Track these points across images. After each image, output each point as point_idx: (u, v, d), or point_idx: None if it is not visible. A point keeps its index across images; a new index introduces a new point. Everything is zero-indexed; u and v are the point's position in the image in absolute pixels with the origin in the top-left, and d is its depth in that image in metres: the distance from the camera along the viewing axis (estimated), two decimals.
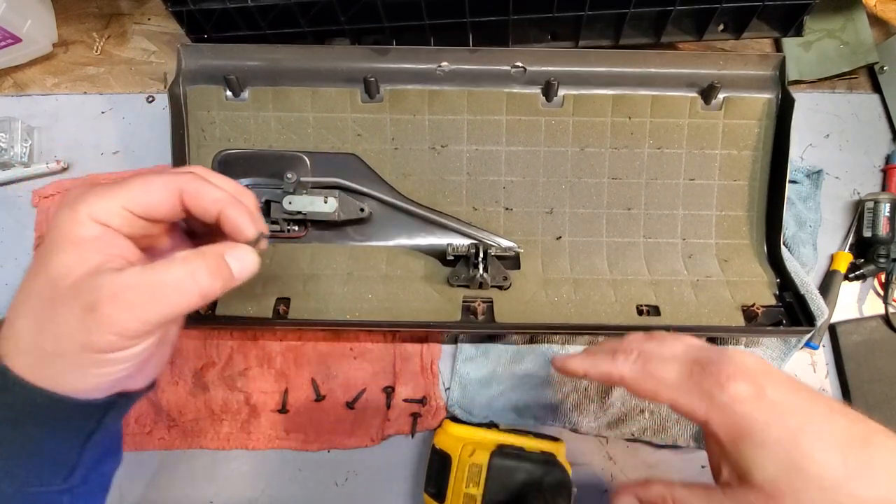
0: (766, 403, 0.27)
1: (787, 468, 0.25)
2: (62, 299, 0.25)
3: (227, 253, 0.28)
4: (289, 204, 0.45)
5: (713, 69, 0.47)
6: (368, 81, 0.45)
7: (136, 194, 0.27)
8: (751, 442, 0.26)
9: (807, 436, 0.26)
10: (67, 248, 0.26)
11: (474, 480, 0.41)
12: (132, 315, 0.25)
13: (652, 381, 0.30)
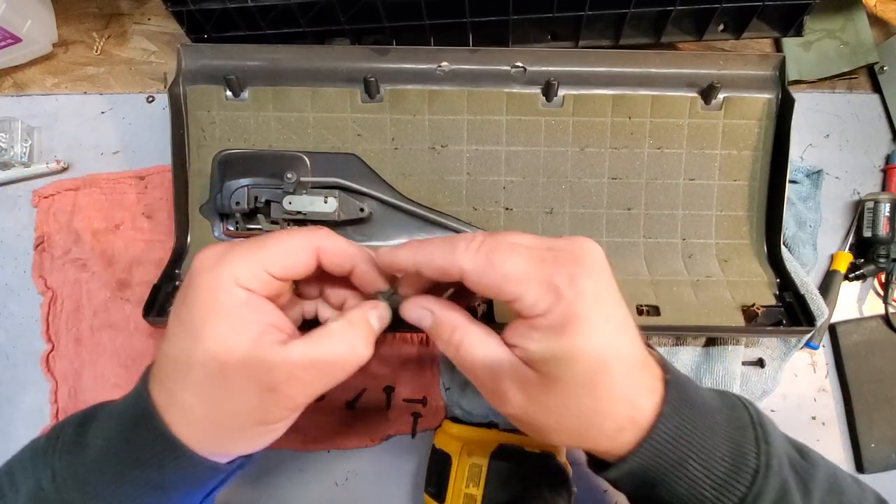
0: (601, 306, 0.26)
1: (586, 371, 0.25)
2: (235, 378, 0.25)
3: (370, 314, 0.29)
4: (289, 204, 0.45)
5: (713, 69, 0.47)
6: (368, 81, 0.45)
7: (278, 256, 0.27)
8: (574, 331, 0.25)
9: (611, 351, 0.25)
10: (220, 319, 0.25)
11: (474, 480, 0.41)
12: (305, 392, 0.27)
13: (496, 272, 0.26)
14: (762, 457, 0.26)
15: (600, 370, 0.25)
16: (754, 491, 0.26)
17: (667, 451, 0.26)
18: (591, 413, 0.26)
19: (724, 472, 0.26)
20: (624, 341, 0.26)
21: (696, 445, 0.26)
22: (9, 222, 0.52)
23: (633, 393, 0.26)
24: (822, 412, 0.50)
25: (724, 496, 0.26)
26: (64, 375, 0.48)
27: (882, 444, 0.49)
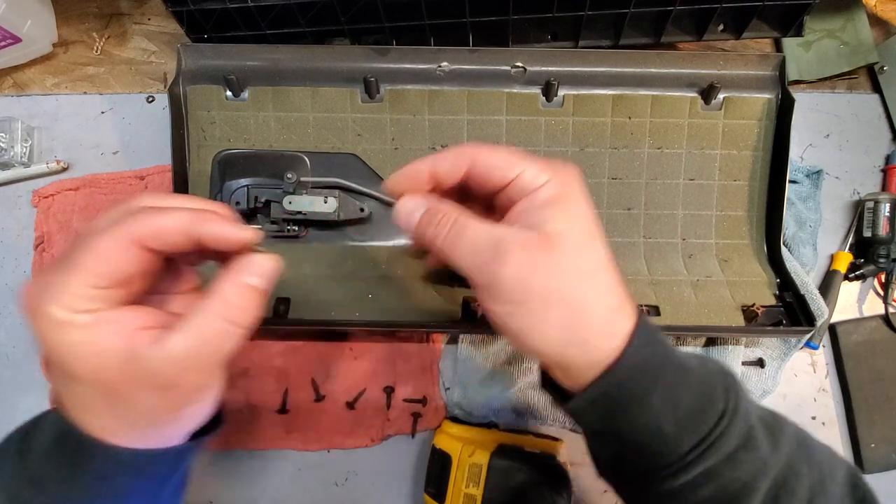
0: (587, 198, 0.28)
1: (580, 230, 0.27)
2: (125, 393, 0.25)
3: (245, 277, 0.27)
4: (289, 204, 0.45)
5: (713, 69, 0.47)
6: (368, 81, 0.45)
7: (95, 268, 0.24)
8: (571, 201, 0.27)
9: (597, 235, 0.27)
10: (79, 352, 0.24)
11: (474, 480, 0.41)
12: (201, 375, 0.26)
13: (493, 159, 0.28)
14: (731, 402, 0.27)
15: (591, 239, 0.27)
16: (717, 431, 0.26)
17: (633, 381, 0.26)
18: (591, 276, 0.27)
19: (689, 410, 0.26)
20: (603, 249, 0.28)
21: (664, 380, 0.26)
22: (9, 222, 0.52)
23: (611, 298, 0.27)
24: (822, 412, 0.50)
25: (685, 433, 0.26)
26: None
27: (882, 444, 0.49)
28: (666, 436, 0.26)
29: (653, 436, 0.26)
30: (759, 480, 0.26)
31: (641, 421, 0.26)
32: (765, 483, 0.26)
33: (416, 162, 0.29)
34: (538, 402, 0.47)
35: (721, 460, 0.26)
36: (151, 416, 0.26)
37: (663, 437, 0.26)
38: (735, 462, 0.26)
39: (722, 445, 0.26)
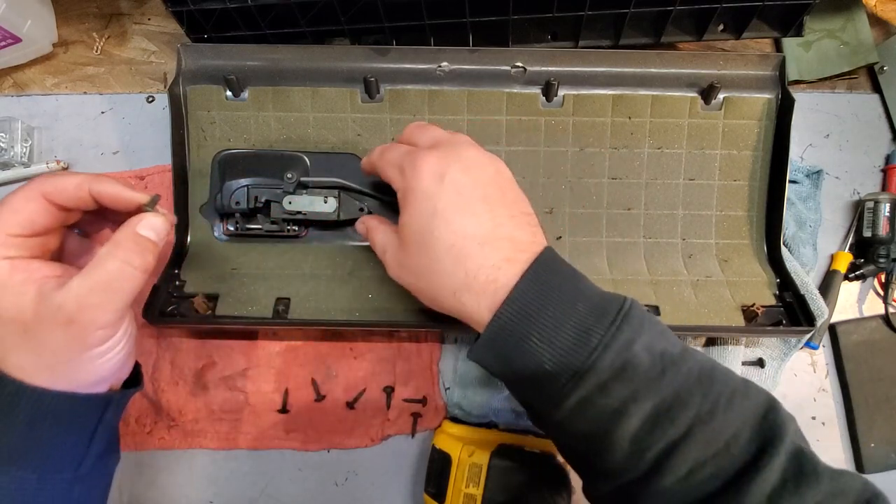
0: (438, 184, 0.32)
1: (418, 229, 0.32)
2: (36, 330, 0.28)
3: (138, 227, 0.31)
4: (289, 204, 0.45)
5: (713, 69, 0.47)
6: (368, 81, 0.45)
7: (11, 217, 0.29)
8: (410, 200, 0.33)
9: (438, 219, 0.31)
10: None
11: (474, 480, 0.41)
12: (104, 310, 0.29)
13: (382, 161, 0.36)
14: (605, 339, 0.28)
15: (427, 232, 0.32)
16: (588, 363, 0.28)
17: (512, 327, 0.29)
18: (429, 272, 0.32)
19: (564, 346, 0.29)
20: (458, 217, 0.31)
21: (541, 321, 0.29)
22: None
23: (465, 259, 0.31)
24: (822, 412, 0.50)
25: (562, 367, 0.29)
26: None
27: (882, 444, 0.49)
28: (547, 372, 0.29)
29: (537, 374, 0.29)
30: (631, 406, 0.28)
31: (526, 361, 0.29)
32: (638, 409, 0.28)
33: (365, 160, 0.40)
34: None
35: (593, 390, 0.28)
36: (61, 352, 0.28)
37: (545, 374, 0.29)
38: (607, 390, 0.28)
39: (592, 376, 0.28)
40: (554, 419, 0.30)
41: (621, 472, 0.29)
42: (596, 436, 0.29)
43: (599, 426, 0.29)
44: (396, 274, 0.35)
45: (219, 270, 0.45)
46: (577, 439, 0.31)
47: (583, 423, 0.29)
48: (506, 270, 0.30)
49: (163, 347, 0.48)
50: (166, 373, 0.47)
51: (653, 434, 0.28)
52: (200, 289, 0.44)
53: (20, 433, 0.28)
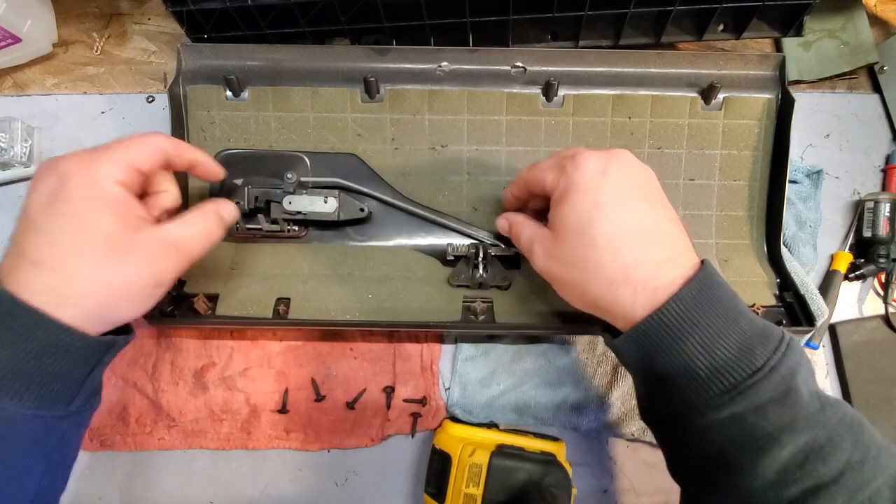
0: (599, 177, 0.33)
1: (577, 220, 0.33)
2: (125, 250, 0.31)
3: (218, 206, 0.37)
4: (289, 204, 0.45)
5: (713, 69, 0.47)
6: (368, 81, 0.45)
7: (137, 153, 0.33)
8: (570, 193, 0.33)
9: (599, 210, 0.32)
10: (102, 206, 0.30)
11: (474, 480, 0.41)
12: (178, 261, 0.33)
13: (534, 171, 0.37)
14: (772, 362, 0.28)
15: (587, 223, 0.32)
16: (749, 382, 0.28)
17: (670, 325, 0.30)
18: (583, 261, 0.32)
19: (724, 359, 0.29)
20: (619, 211, 0.32)
21: (703, 329, 0.29)
22: (9, 222, 0.51)
23: (624, 252, 0.31)
24: None
25: (717, 378, 0.28)
26: None
27: None
28: (698, 379, 0.29)
29: (686, 377, 0.29)
30: (786, 435, 0.27)
31: (677, 363, 0.29)
32: (793, 440, 0.27)
33: (507, 189, 0.42)
34: (538, 402, 0.47)
35: (749, 409, 0.28)
36: (135, 283, 0.31)
37: (695, 380, 0.29)
38: (764, 413, 0.28)
39: (752, 395, 0.28)
40: (690, 427, 0.30)
41: (757, 498, 0.28)
42: (737, 454, 0.28)
43: (746, 446, 0.28)
44: (544, 265, 0.35)
45: (219, 270, 0.45)
46: (709, 452, 0.30)
47: (725, 439, 0.29)
48: (667, 271, 0.31)
49: (163, 348, 0.48)
50: (166, 373, 0.47)
51: (803, 469, 0.27)
52: (200, 289, 0.44)
53: (26, 363, 0.28)
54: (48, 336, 0.29)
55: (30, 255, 0.29)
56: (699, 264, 0.32)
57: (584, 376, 0.48)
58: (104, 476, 0.47)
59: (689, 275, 0.31)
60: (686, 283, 0.30)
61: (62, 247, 0.29)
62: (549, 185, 0.35)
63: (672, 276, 0.31)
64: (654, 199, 0.34)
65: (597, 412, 0.47)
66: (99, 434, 0.46)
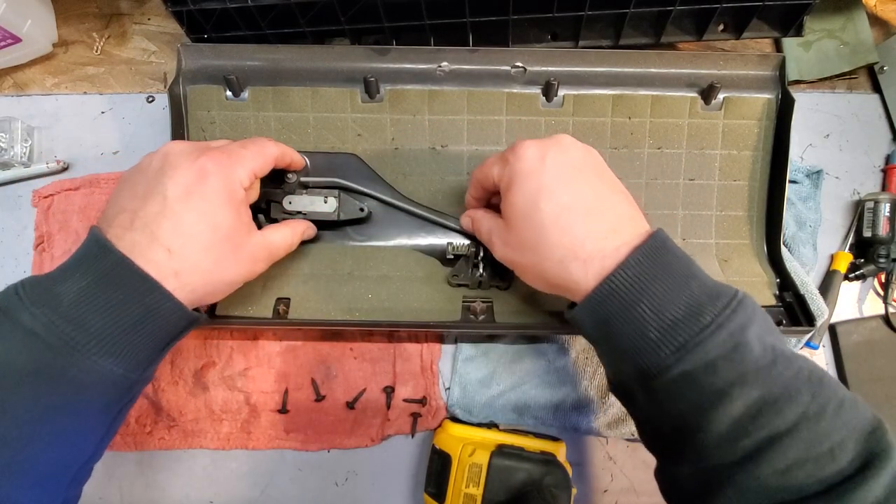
0: (540, 163, 0.34)
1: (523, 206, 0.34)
2: (239, 251, 0.36)
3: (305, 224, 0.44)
4: (289, 204, 0.44)
5: (713, 69, 0.47)
6: (368, 81, 0.45)
7: (260, 162, 0.38)
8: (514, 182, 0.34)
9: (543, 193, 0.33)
10: (231, 208, 0.35)
11: (474, 480, 0.41)
12: (271, 261, 0.39)
13: (484, 169, 0.38)
14: (720, 319, 0.29)
15: (532, 206, 0.33)
16: (697, 339, 0.28)
17: (620, 292, 0.30)
18: (534, 244, 0.34)
19: (673, 319, 0.29)
20: (561, 191, 0.33)
21: (653, 293, 0.30)
22: (9, 222, 0.52)
23: (570, 228, 0.32)
24: None
25: (667, 339, 0.29)
26: None
27: None
28: (650, 341, 0.30)
29: (639, 342, 0.30)
30: (736, 389, 0.28)
31: (628, 328, 0.30)
32: (744, 393, 0.28)
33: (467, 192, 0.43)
34: (538, 402, 0.47)
35: (699, 366, 0.28)
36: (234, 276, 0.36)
37: (647, 342, 0.30)
38: (713, 369, 0.28)
39: (700, 352, 0.28)
40: (647, 390, 0.31)
41: (712, 454, 0.28)
42: (692, 413, 0.29)
43: (698, 404, 0.29)
44: (502, 253, 0.37)
45: None
46: (668, 414, 0.30)
47: (679, 399, 0.29)
48: (613, 240, 0.32)
49: None
50: (166, 373, 0.47)
51: (756, 421, 0.27)
52: None
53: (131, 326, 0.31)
54: (157, 304, 0.31)
55: (164, 240, 0.32)
56: (649, 232, 0.32)
57: (584, 376, 0.48)
58: (104, 476, 0.47)
59: (637, 243, 0.31)
60: (633, 250, 0.31)
61: (196, 241, 0.33)
62: (497, 178, 0.37)
63: (618, 244, 0.31)
64: (596, 176, 0.35)
65: (597, 412, 0.47)
66: None
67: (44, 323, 0.29)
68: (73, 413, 0.30)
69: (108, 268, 0.31)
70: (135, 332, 0.31)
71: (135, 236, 0.32)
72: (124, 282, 0.31)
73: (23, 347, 0.29)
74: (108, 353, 0.30)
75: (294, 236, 0.42)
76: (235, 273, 0.36)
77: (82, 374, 0.30)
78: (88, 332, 0.29)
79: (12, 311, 0.29)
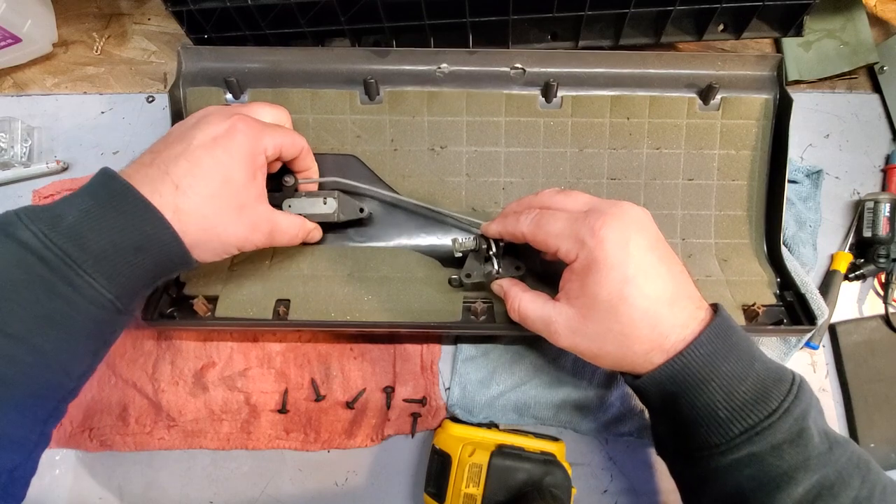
0: (623, 251, 0.32)
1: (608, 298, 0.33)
2: (243, 212, 0.36)
3: (314, 227, 0.44)
4: (289, 207, 0.44)
5: (711, 70, 0.47)
6: (368, 83, 0.45)
7: (289, 142, 0.40)
8: (595, 270, 0.33)
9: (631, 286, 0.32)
10: (249, 169, 0.36)
11: (474, 480, 0.41)
12: (270, 241, 0.39)
13: (542, 233, 0.36)
14: (785, 404, 0.30)
15: (619, 300, 0.32)
16: (767, 423, 0.30)
17: (692, 370, 0.32)
18: (621, 336, 0.33)
19: (743, 401, 0.31)
20: (648, 281, 0.32)
21: (722, 373, 0.31)
22: None
23: (659, 322, 0.32)
24: None
25: (737, 419, 0.30)
26: None
27: (882, 444, 0.49)
28: (719, 420, 0.31)
29: (707, 418, 0.31)
30: (800, 474, 0.29)
31: (698, 404, 0.31)
32: (806, 478, 0.29)
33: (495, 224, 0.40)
34: (538, 402, 0.47)
35: (766, 448, 0.30)
36: (232, 239, 0.36)
37: (717, 421, 0.31)
38: (779, 452, 0.30)
39: (769, 436, 0.30)
40: (713, 465, 0.32)
41: None
42: (755, 492, 0.30)
43: (763, 484, 0.30)
44: (571, 343, 0.35)
45: (218, 272, 0.45)
46: (728, 490, 0.31)
47: (743, 477, 0.31)
48: (693, 328, 0.33)
49: (163, 348, 0.48)
50: (166, 373, 0.47)
51: None
52: (200, 290, 0.44)
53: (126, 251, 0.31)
54: (155, 232, 0.32)
55: (175, 177, 0.33)
56: (710, 308, 0.34)
57: (584, 376, 0.48)
58: (104, 476, 0.47)
59: (706, 319, 0.33)
60: (704, 328, 0.32)
61: (205, 184, 0.34)
62: (564, 255, 0.35)
63: (692, 325, 0.33)
64: (667, 254, 0.35)
65: (597, 412, 0.47)
66: (99, 434, 0.47)
67: (41, 239, 0.29)
68: (62, 330, 0.30)
69: (112, 193, 0.32)
70: (132, 256, 0.32)
71: (149, 171, 0.33)
72: (126, 207, 0.31)
73: (18, 261, 0.29)
74: (103, 274, 0.31)
75: (300, 230, 0.42)
76: (232, 232, 0.36)
77: (75, 292, 0.30)
78: (86, 251, 0.30)
79: (10, 228, 0.30)
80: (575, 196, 0.37)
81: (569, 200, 0.37)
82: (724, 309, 0.34)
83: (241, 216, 0.36)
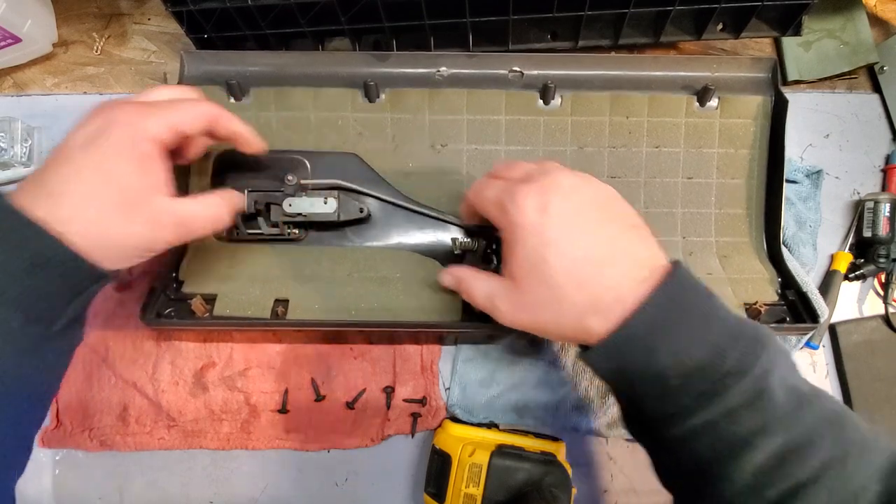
0: (542, 215, 0.32)
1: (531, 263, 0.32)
2: (134, 209, 0.32)
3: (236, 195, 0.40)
4: (289, 206, 0.44)
5: (707, 72, 0.48)
6: (368, 86, 0.46)
7: (185, 116, 0.34)
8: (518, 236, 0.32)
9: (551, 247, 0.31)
10: (132, 162, 0.32)
11: (474, 480, 0.41)
12: (186, 233, 0.35)
13: (479, 200, 0.36)
14: (744, 362, 0.28)
15: (541, 264, 0.31)
16: (719, 387, 0.28)
17: (639, 339, 0.29)
18: (552, 301, 0.32)
19: (695, 366, 0.28)
20: (570, 243, 0.31)
21: (672, 337, 0.29)
22: None
23: (585, 282, 0.31)
24: None
25: (689, 386, 0.28)
26: (66, 375, 0.48)
27: None
28: (670, 387, 0.29)
29: (658, 387, 0.29)
30: (759, 438, 0.27)
31: (648, 373, 0.29)
32: (767, 442, 0.27)
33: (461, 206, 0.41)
34: (538, 403, 0.47)
35: (721, 413, 0.28)
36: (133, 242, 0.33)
37: (668, 389, 0.29)
38: (736, 417, 0.28)
39: (722, 400, 0.28)
40: (668, 436, 0.30)
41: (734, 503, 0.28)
42: (714, 461, 0.28)
43: (720, 452, 0.28)
44: (512, 317, 0.34)
45: (217, 272, 0.45)
46: (690, 461, 0.30)
47: (701, 446, 0.29)
48: (632, 288, 0.30)
49: (163, 348, 0.48)
50: (166, 373, 0.47)
51: (779, 471, 0.27)
52: (199, 290, 0.44)
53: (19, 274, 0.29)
54: (44, 250, 0.29)
55: (50, 184, 0.30)
56: (667, 268, 0.31)
57: (584, 376, 0.48)
58: (104, 476, 0.47)
59: (656, 282, 0.30)
60: (652, 291, 0.29)
61: (81, 187, 0.31)
62: (496, 223, 0.35)
63: (637, 290, 0.30)
64: (602, 215, 0.33)
65: (597, 412, 0.47)
66: (99, 434, 0.46)
67: None
68: None
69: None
70: (24, 282, 0.29)
71: (29, 186, 0.31)
72: (12, 227, 0.29)
73: None
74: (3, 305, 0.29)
75: (221, 208, 0.37)
76: (129, 233, 0.32)
77: None
78: None
79: None
80: (517, 166, 0.37)
81: (509, 170, 0.36)
82: (684, 268, 0.31)
83: (133, 214, 0.32)
